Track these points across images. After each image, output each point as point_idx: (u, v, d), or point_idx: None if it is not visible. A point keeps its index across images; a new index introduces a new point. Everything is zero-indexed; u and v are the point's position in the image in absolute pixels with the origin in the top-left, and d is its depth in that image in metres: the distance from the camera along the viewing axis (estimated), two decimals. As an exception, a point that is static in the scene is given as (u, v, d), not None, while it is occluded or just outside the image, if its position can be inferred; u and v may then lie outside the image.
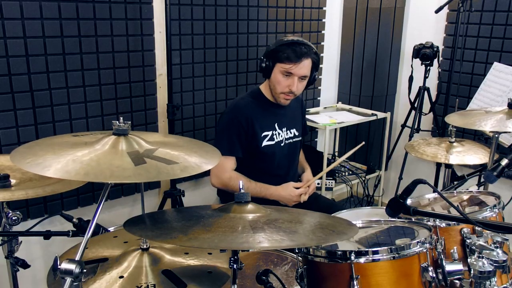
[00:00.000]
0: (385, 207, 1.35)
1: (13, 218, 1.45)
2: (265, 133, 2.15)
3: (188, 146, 1.30)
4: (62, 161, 1.05)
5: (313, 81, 2.15)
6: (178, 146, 1.27)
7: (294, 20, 3.13)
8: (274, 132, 2.18)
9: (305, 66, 2.04)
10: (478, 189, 1.94)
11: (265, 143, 2.15)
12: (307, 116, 3.14)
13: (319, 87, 3.51)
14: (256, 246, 1.04)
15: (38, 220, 1.50)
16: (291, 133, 2.26)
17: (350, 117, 3.23)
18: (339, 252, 1.30)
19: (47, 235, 1.43)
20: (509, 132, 1.94)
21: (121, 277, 1.18)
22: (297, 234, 1.14)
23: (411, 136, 3.05)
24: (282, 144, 2.22)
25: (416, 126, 3.05)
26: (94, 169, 1.03)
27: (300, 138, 2.33)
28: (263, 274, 1.27)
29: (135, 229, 1.15)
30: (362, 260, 1.29)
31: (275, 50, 2.04)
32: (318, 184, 3.01)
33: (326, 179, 3.03)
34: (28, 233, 1.50)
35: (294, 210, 1.35)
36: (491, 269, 1.29)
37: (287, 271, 1.60)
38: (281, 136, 2.22)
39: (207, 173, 2.88)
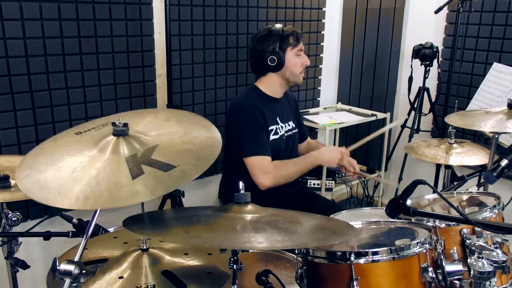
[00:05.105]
0: (385, 208, 1.35)
1: (13, 218, 1.45)
2: (271, 127, 2.15)
3: (188, 124, 1.30)
4: (64, 184, 1.05)
5: None
6: (178, 129, 1.27)
7: (293, 20, 3.13)
8: (277, 126, 2.18)
9: None
10: (478, 189, 1.94)
11: (272, 137, 2.14)
12: (307, 117, 3.16)
13: (318, 88, 3.51)
14: (258, 246, 1.04)
15: (38, 220, 1.50)
16: (289, 125, 2.27)
17: (350, 118, 3.23)
18: (339, 253, 1.30)
19: (46, 235, 1.43)
20: (509, 132, 1.94)
21: (120, 277, 1.18)
22: (298, 234, 1.14)
23: (411, 137, 3.05)
24: (284, 138, 2.23)
25: (416, 127, 3.05)
26: (93, 189, 1.03)
27: (297, 130, 2.34)
28: (263, 275, 1.27)
29: (135, 227, 1.15)
30: (362, 260, 1.29)
31: (282, 40, 2.09)
32: (318, 184, 3.00)
33: (326, 180, 3.02)
34: (28, 233, 1.50)
35: (294, 211, 1.35)
36: (491, 270, 1.29)
37: (287, 271, 1.60)
38: (283, 129, 2.22)
39: (207, 173, 2.89)
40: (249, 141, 2.06)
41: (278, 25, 2.12)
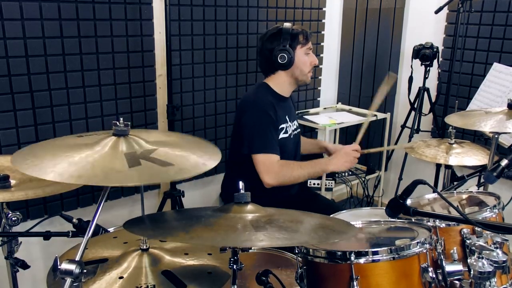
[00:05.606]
0: (385, 208, 1.35)
1: (13, 218, 1.44)
2: (282, 125, 2.14)
3: (188, 145, 1.30)
4: (59, 164, 1.05)
5: None
6: (178, 146, 1.27)
7: (294, 20, 3.13)
8: (286, 124, 2.18)
9: None
10: (478, 189, 1.94)
11: (281, 135, 2.13)
12: (307, 117, 3.17)
13: (319, 88, 3.51)
14: (258, 244, 1.04)
15: (38, 220, 1.50)
16: (294, 125, 2.27)
17: (350, 118, 3.23)
18: (339, 253, 1.30)
19: (47, 235, 1.42)
20: (509, 132, 1.94)
21: (121, 277, 1.18)
22: (299, 232, 1.14)
23: (411, 137, 3.05)
24: (292, 137, 2.22)
25: (416, 127, 3.05)
26: (88, 171, 1.03)
27: (299, 130, 2.34)
28: (263, 275, 1.27)
29: (136, 228, 1.15)
30: (362, 260, 1.29)
31: (292, 38, 2.09)
32: (318, 184, 3.01)
33: (326, 179, 3.03)
34: (28, 233, 1.50)
35: (294, 211, 1.35)
36: (491, 270, 1.29)
37: (287, 271, 1.60)
38: (291, 128, 2.22)
39: (207, 173, 2.89)
40: (260, 137, 2.05)
41: (288, 24, 2.12)
